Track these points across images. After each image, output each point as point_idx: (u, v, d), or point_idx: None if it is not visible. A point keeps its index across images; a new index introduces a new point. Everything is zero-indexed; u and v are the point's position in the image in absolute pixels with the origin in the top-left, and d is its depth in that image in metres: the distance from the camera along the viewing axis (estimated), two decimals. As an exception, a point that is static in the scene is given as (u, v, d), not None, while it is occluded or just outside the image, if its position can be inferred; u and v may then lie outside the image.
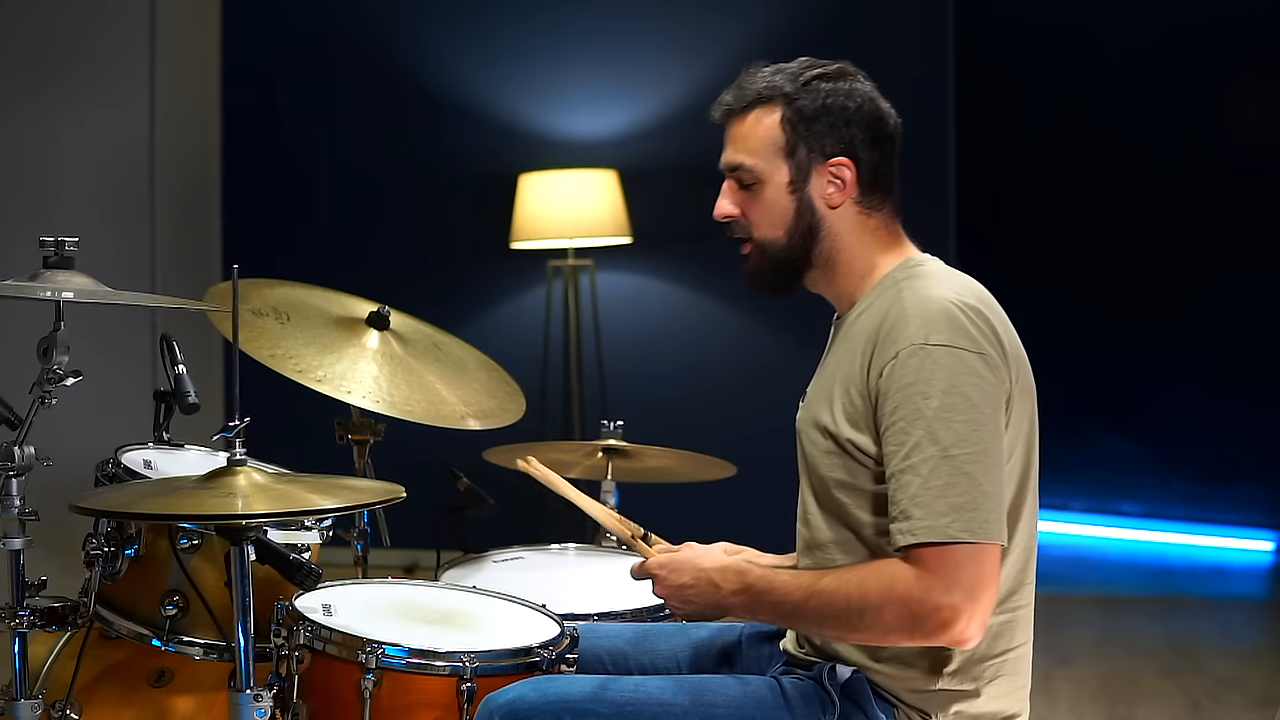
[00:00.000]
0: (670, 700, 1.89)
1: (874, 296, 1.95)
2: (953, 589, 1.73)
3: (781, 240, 1.98)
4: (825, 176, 1.96)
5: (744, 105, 1.99)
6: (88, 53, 5.03)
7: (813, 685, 1.92)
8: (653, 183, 5.33)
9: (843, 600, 1.79)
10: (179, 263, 5.43)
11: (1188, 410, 6.44)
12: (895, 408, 1.80)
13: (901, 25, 5.36)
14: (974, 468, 1.76)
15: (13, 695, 2.14)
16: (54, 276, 2.10)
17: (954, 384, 1.78)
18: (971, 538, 1.74)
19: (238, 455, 2.00)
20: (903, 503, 1.77)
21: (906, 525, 1.76)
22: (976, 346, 1.81)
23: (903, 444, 1.78)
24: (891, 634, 1.78)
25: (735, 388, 5.38)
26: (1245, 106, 6.36)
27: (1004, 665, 1.90)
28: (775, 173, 1.96)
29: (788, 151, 1.96)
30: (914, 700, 1.89)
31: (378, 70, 5.67)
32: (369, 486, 2.18)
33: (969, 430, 1.77)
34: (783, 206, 1.97)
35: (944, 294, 1.86)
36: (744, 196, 2.00)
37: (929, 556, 1.74)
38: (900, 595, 1.75)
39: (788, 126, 1.95)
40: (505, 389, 2.89)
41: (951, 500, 1.74)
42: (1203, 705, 4.11)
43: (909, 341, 1.81)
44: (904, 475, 1.78)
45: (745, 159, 1.98)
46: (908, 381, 1.79)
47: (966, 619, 1.73)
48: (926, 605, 1.73)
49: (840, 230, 1.97)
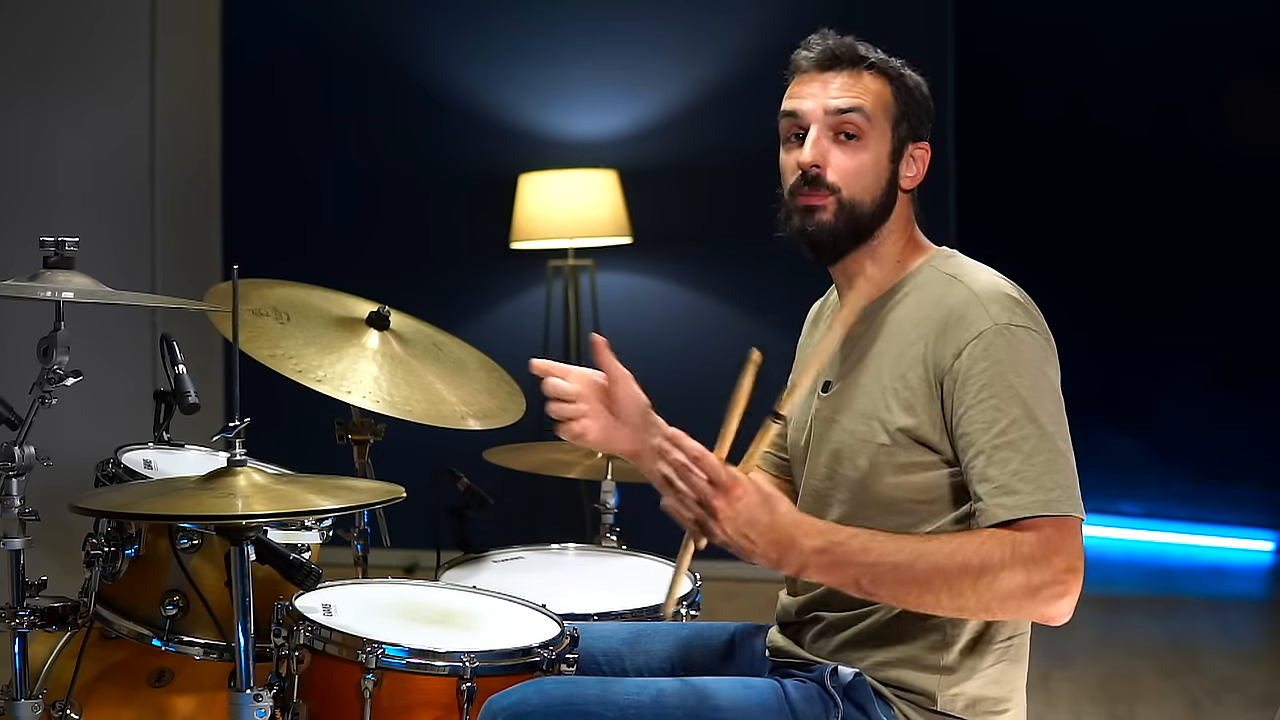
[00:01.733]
0: (674, 704, 1.88)
1: (912, 283, 1.96)
2: (1074, 559, 1.72)
3: (866, 205, 1.95)
4: (912, 156, 1.98)
5: (858, 62, 1.98)
6: (88, 53, 5.03)
7: (815, 688, 1.91)
8: (653, 183, 5.33)
9: (959, 561, 1.72)
10: (179, 263, 5.43)
11: (1188, 410, 6.43)
12: (984, 385, 1.80)
13: (901, 25, 5.36)
14: (1064, 445, 1.79)
15: (13, 695, 2.14)
16: (54, 276, 2.10)
17: (1039, 365, 1.83)
18: (1075, 512, 1.75)
19: (238, 456, 2.00)
20: (1001, 478, 1.76)
21: (1012, 500, 1.75)
22: (1046, 333, 1.87)
23: (997, 420, 1.78)
24: (1000, 601, 1.72)
25: (735, 388, 5.37)
26: (1246, 106, 6.36)
27: (1008, 650, 1.91)
28: (881, 136, 1.96)
29: (896, 121, 1.97)
30: (917, 683, 1.89)
31: (378, 70, 5.67)
32: (369, 487, 2.18)
33: (1057, 410, 1.81)
34: (879, 171, 1.96)
35: (1001, 281, 1.91)
36: (839, 150, 1.95)
37: (1046, 526, 1.73)
38: (1025, 559, 1.71)
39: (899, 99, 1.97)
40: (505, 389, 2.89)
41: (1055, 477, 1.76)
42: (1203, 705, 4.11)
43: (993, 322, 1.83)
44: (1001, 451, 1.77)
45: (866, 105, 1.95)
46: (998, 359, 1.81)
47: (1076, 590, 1.73)
48: (1047, 572, 1.71)
49: (901, 212, 1.99)
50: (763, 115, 2.16)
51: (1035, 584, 1.71)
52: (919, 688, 1.89)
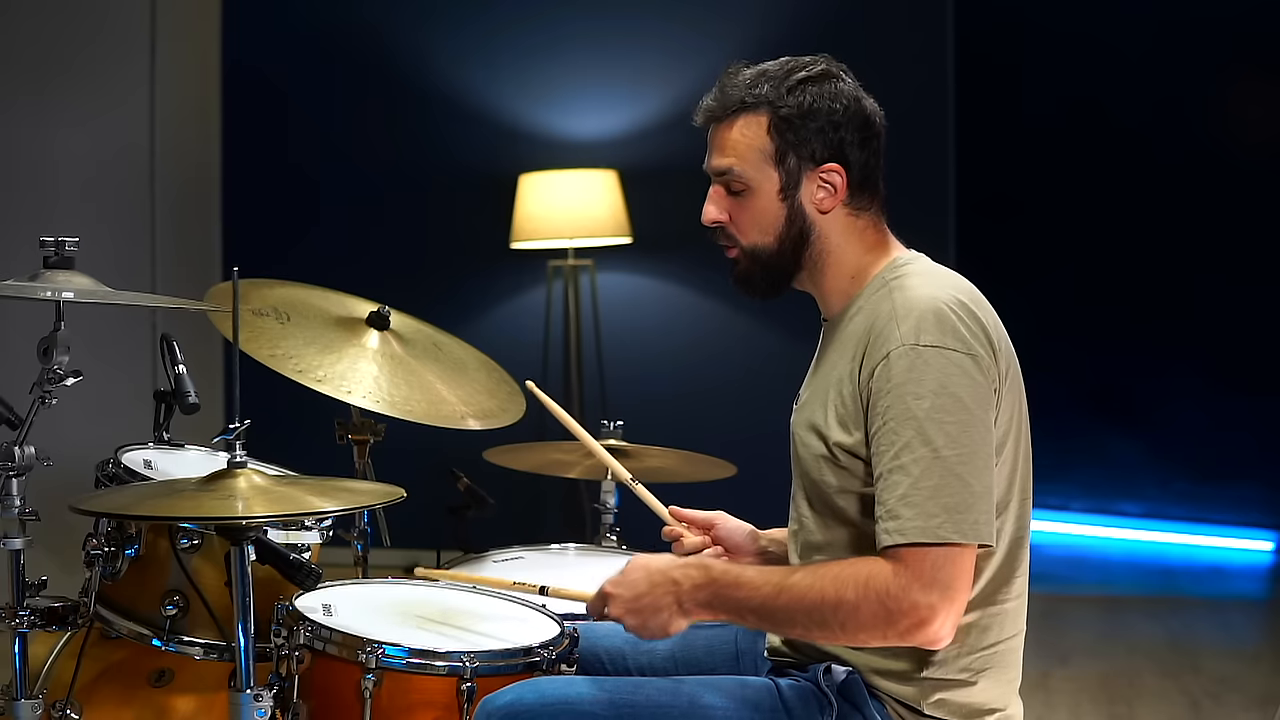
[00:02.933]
0: (668, 702, 1.88)
1: (864, 298, 1.95)
2: (930, 588, 1.73)
3: (772, 246, 1.97)
4: (816, 182, 1.95)
5: (730, 111, 1.97)
6: (88, 53, 5.03)
7: (810, 687, 1.92)
8: (653, 183, 5.33)
9: (816, 596, 1.77)
10: (179, 263, 5.43)
11: (1188, 410, 6.44)
12: (886, 408, 1.80)
13: (901, 25, 5.36)
14: (964, 469, 1.76)
15: (13, 695, 2.14)
16: (54, 276, 2.10)
17: (944, 385, 1.78)
18: (962, 539, 1.74)
19: (238, 458, 2.00)
20: (890, 502, 1.77)
21: (895, 525, 1.76)
22: (966, 347, 1.81)
23: (893, 444, 1.78)
24: (864, 631, 1.76)
25: (735, 388, 5.38)
26: (1246, 105, 6.36)
27: (993, 657, 1.90)
28: (765, 180, 1.95)
29: (777, 159, 1.94)
30: (899, 693, 1.89)
31: (378, 70, 5.67)
32: (369, 488, 2.18)
33: (959, 431, 1.77)
34: (773, 214, 1.96)
35: (934, 293, 1.86)
36: (732, 202, 1.98)
37: (909, 555, 1.74)
38: (878, 591, 1.74)
39: (775, 134, 1.94)
40: (505, 389, 2.89)
41: (943, 501, 1.74)
42: (1202, 705, 4.11)
43: (900, 342, 1.81)
44: (893, 475, 1.78)
45: (735, 165, 1.96)
46: (899, 382, 1.79)
47: (941, 618, 1.74)
48: (904, 603, 1.73)
49: (830, 233, 1.97)
50: (763, 115, 2.18)
51: (892, 612, 1.73)
52: (902, 696, 1.89)
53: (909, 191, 5.27)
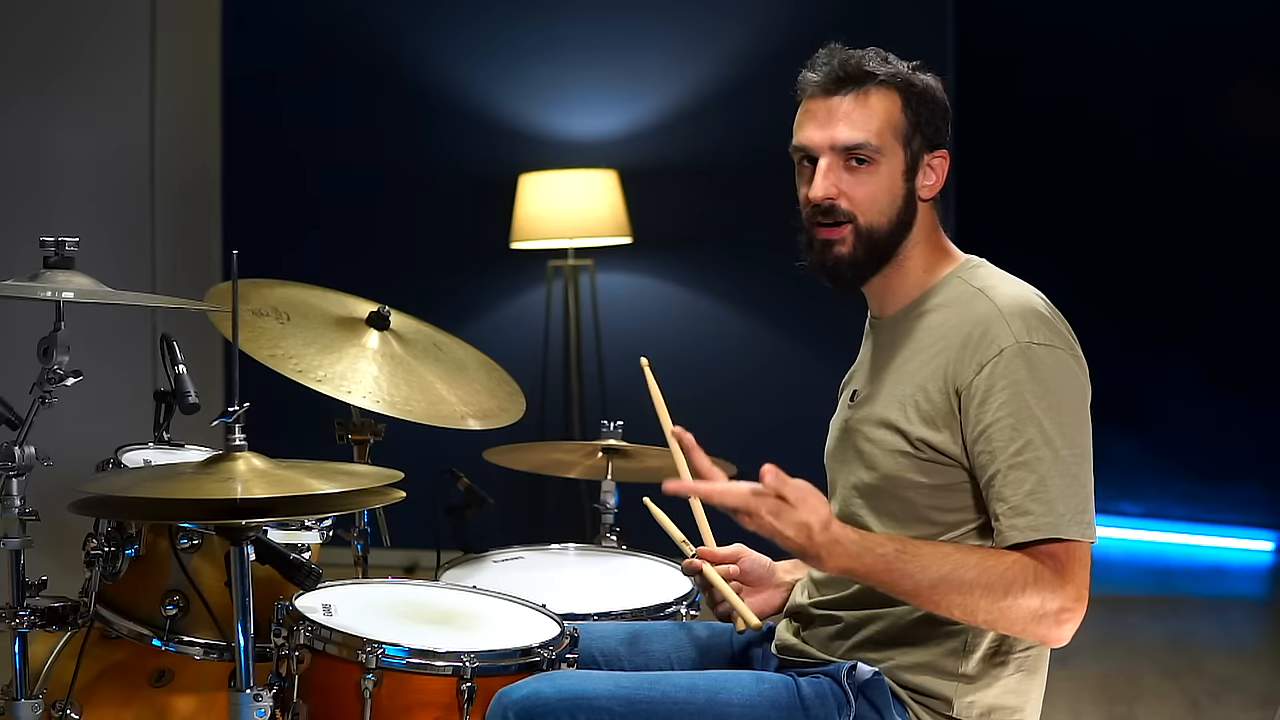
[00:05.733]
0: (685, 698, 1.88)
1: (939, 295, 1.95)
2: (1081, 587, 1.76)
3: (884, 228, 1.94)
4: (929, 167, 1.96)
5: (865, 82, 1.94)
6: (88, 53, 5.03)
7: (829, 684, 1.91)
8: (653, 183, 5.32)
9: (994, 576, 1.74)
10: (179, 263, 5.43)
11: (1188, 410, 6.43)
12: (1002, 404, 1.80)
13: (902, 22, 5.35)
14: (1080, 469, 1.79)
15: (13, 695, 2.14)
16: (54, 276, 2.10)
17: (1060, 384, 1.81)
18: (1084, 538, 1.76)
19: (237, 441, 2.00)
20: (1016, 499, 1.77)
21: (1025, 521, 1.76)
22: (1071, 348, 1.85)
23: (1013, 440, 1.79)
24: (1014, 621, 1.76)
25: (735, 388, 5.38)
26: (1246, 105, 6.36)
27: (1026, 661, 1.91)
28: (893, 156, 1.94)
29: (907, 137, 1.94)
30: (935, 688, 1.88)
31: (378, 70, 5.67)
32: (369, 472, 2.18)
33: (1076, 432, 1.80)
34: (894, 193, 1.94)
35: (1029, 295, 1.89)
36: (850, 178, 1.94)
37: (1059, 553, 1.75)
38: (1044, 586, 1.74)
39: (910, 113, 1.94)
40: (505, 389, 2.89)
41: (1069, 501, 1.76)
42: (1202, 705, 4.11)
43: (1014, 340, 1.82)
44: (1016, 471, 1.78)
45: (870, 137, 1.93)
46: (1018, 379, 1.80)
47: (1080, 618, 1.77)
48: (1061, 599, 1.74)
49: (922, 223, 1.98)
50: (763, 115, 2.17)
51: (1049, 609, 1.74)
52: (935, 692, 1.89)
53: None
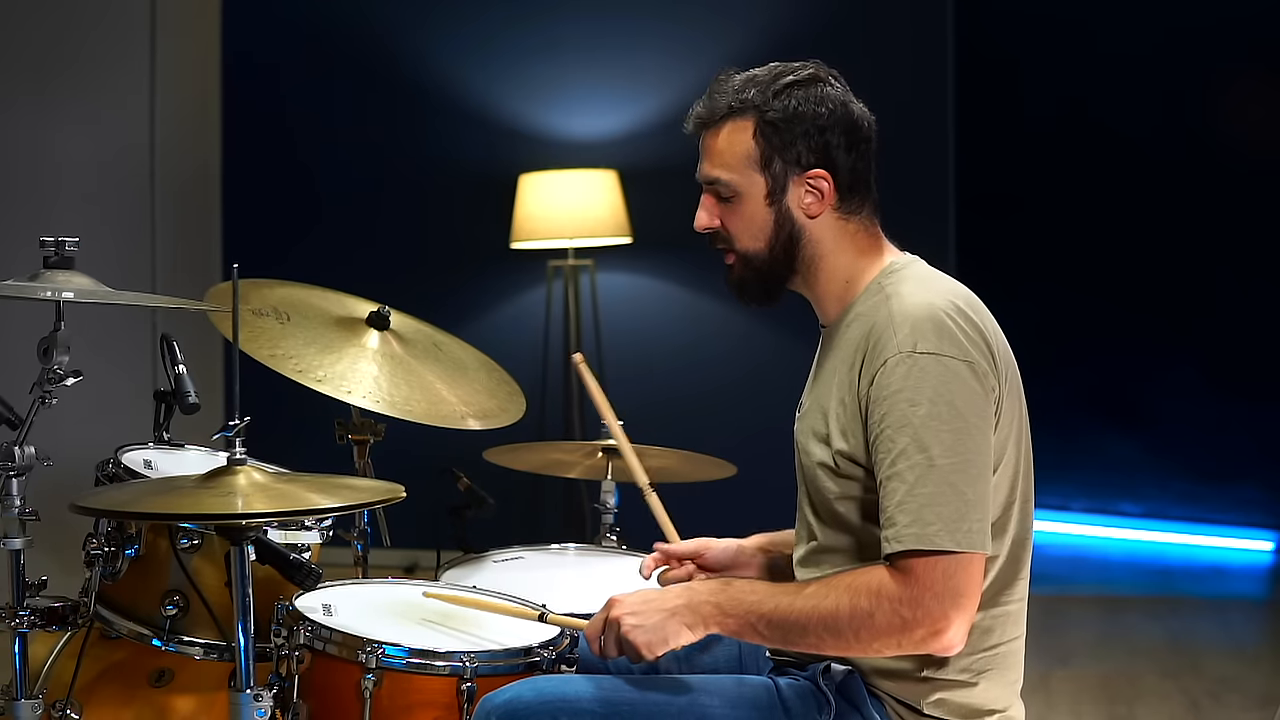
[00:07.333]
0: (665, 700, 1.89)
1: (860, 304, 1.95)
2: (943, 596, 1.74)
3: (763, 251, 1.98)
4: (803, 187, 1.95)
5: (716, 118, 1.98)
6: (88, 53, 5.03)
7: (809, 685, 1.93)
8: (653, 183, 5.32)
9: (831, 605, 1.78)
10: (179, 263, 5.43)
11: (1187, 410, 6.43)
12: (883, 415, 1.81)
13: (901, 25, 5.36)
14: (958, 477, 1.76)
15: (13, 695, 2.14)
16: (54, 276, 2.10)
17: (941, 393, 1.79)
18: (957, 548, 1.75)
19: (238, 454, 2.00)
20: (889, 509, 1.78)
21: (892, 532, 1.77)
22: (964, 354, 1.82)
23: (890, 451, 1.79)
24: (878, 640, 1.77)
25: (735, 388, 5.38)
26: (1247, 106, 6.36)
27: (994, 659, 1.91)
28: (752, 186, 1.96)
29: (763, 164, 1.95)
30: (899, 692, 1.89)
31: (378, 70, 5.67)
32: (369, 486, 2.18)
33: (954, 440, 1.77)
34: (762, 219, 1.97)
35: (931, 300, 1.86)
36: (723, 208, 2.00)
37: (918, 564, 1.75)
38: (891, 600, 1.75)
39: (761, 139, 1.94)
40: (505, 389, 2.89)
41: (938, 509, 1.75)
42: (1202, 705, 4.11)
43: (897, 350, 1.82)
44: (890, 482, 1.78)
45: (721, 173, 1.97)
46: (895, 389, 1.80)
47: (955, 627, 1.75)
48: (918, 611, 1.74)
49: (821, 238, 1.97)
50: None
51: (907, 621, 1.75)
52: (901, 695, 1.90)
53: (908, 192, 5.30)
